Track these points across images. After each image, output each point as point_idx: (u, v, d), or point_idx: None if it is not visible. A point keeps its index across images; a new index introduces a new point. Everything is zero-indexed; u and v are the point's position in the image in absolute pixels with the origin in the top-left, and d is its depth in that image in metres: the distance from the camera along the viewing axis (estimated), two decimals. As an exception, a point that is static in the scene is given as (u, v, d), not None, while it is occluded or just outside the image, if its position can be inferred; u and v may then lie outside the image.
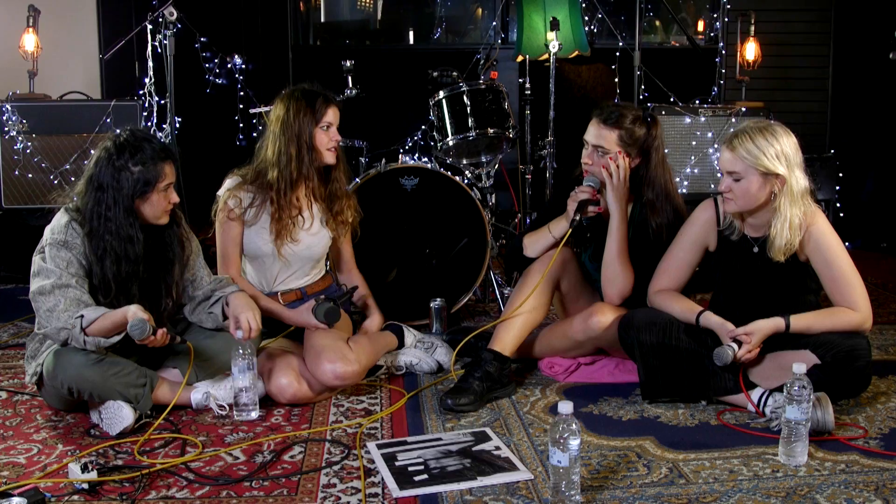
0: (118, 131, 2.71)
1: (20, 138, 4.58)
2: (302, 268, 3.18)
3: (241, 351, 2.71)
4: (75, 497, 2.23)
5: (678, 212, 3.04)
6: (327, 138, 3.07)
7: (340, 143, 3.15)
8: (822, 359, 2.64)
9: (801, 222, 2.68)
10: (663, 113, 4.91)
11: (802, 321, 2.69)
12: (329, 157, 3.09)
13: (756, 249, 2.79)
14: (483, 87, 4.05)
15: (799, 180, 2.67)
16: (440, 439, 2.58)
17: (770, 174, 2.65)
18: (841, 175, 5.39)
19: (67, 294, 2.58)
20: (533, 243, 3.12)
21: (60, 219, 2.68)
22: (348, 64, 4.21)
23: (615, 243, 3.00)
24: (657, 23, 6.59)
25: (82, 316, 2.54)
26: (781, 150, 2.65)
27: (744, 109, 4.95)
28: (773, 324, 2.69)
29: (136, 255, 2.67)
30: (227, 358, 2.87)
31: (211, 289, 2.89)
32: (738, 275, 2.85)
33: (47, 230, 2.68)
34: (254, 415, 2.74)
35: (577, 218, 2.96)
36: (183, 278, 2.85)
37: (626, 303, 3.04)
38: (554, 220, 3.08)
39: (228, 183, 3.10)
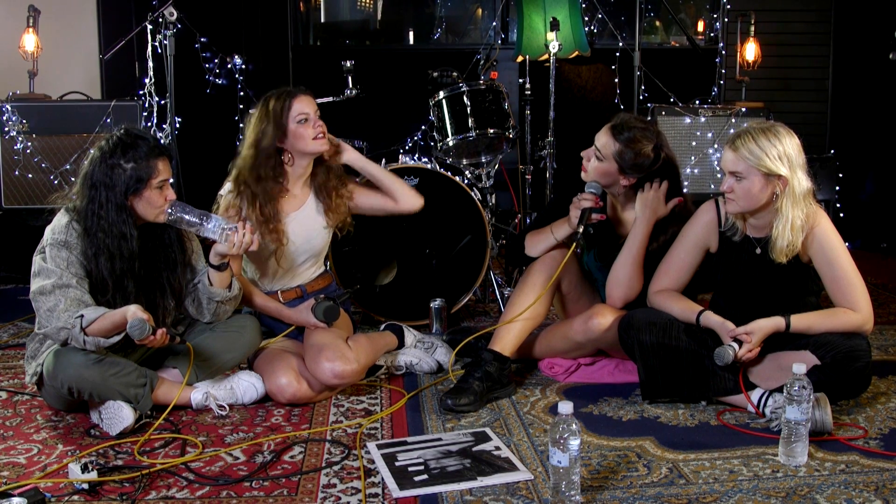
0: (114, 130, 2.71)
1: (20, 138, 4.58)
2: (302, 264, 3.18)
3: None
4: (75, 497, 2.23)
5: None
6: (311, 130, 3.04)
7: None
8: (822, 359, 2.64)
9: (802, 224, 2.68)
10: (663, 113, 4.91)
11: (803, 321, 2.69)
12: (315, 146, 3.04)
13: (759, 251, 2.79)
14: (483, 87, 4.05)
15: (801, 182, 2.67)
16: (440, 439, 2.58)
17: (772, 175, 2.64)
18: (841, 175, 5.39)
19: (68, 294, 2.58)
20: (535, 243, 3.11)
21: (61, 219, 2.68)
22: (348, 64, 4.21)
23: (635, 249, 2.98)
24: (657, 23, 6.59)
25: (82, 316, 2.54)
26: (784, 151, 2.65)
27: (744, 110, 4.95)
28: (774, 323, 2.69)
29: (130, 253, 2.66)
30: (227, 358, 2.88)
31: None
32: (739, 276, 2.85)
33: (48, 230, 2.68)
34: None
35: (581, 230, 2.95)
36: (185, 278, 2.85)
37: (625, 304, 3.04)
38: (557, 221, 3.08)
39: (229, 185, 3.10)
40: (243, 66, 5.20)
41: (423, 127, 5.12)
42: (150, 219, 2.71)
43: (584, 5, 5.58)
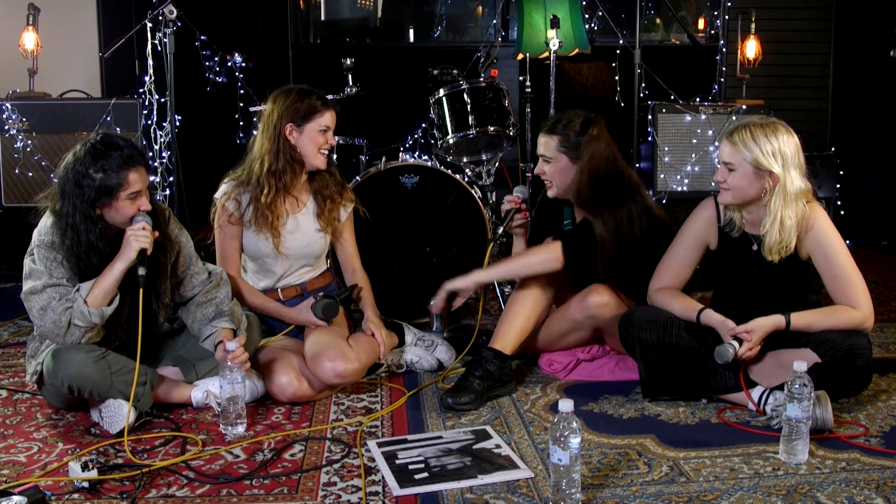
0: (92, 136, 2.66)
1: (20, 136, 4.58)
2: (302, 266, 3.18)
3: (229, 363, 2.60)
4: (75, 495, 2.23)
5: (616, 214, 2.98)
6: (324, 139, 3.06)
7: (339, 141, 3.13)
8: (823, 357, 2.64)
9: (794, 224, 2.67)
10: (664, 111, 4.91)
11: (803, 319, 2.69)
12: (317, 159, 3.06)
13: (755, 247, 2.78)
14: (483, 85, 4.05)
15: (794, 181, 2.66)
16: (441, 437, 2.58)
17: (763, 170, 2.65)
18: (841, 173, 5.39)
19: (59, 291, 2.59)
20: None
21: (46, 220, 2.67)
22: (348, 62, 4.21)
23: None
24: (658, 20, 6.58)
25: (79, 288, 2.57)
26: (779, 149, 2.64)
27: (744, 107, 4.95)
28: (774, 321, 2.68)
29: (99, 261, 2.64)
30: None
31: (204, 293, 2.86)
32: (739, 273, 2.85)
33: (35, 232, 2.67)
34: (241, 429, 2.62)
35: (501, 231, 3.14)
36: (170, 282, 2.83)
37: (627, 288, 3.07)
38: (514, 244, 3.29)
39: (225, 187, 3.09)
40: (243, 64, 5.20)
41: (423, 125, 5.12)
42: (122, 227, 2.66)
43: (584, 3, 5.58)
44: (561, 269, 2.99)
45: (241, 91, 5.21)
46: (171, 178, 4.62)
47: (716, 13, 5.96)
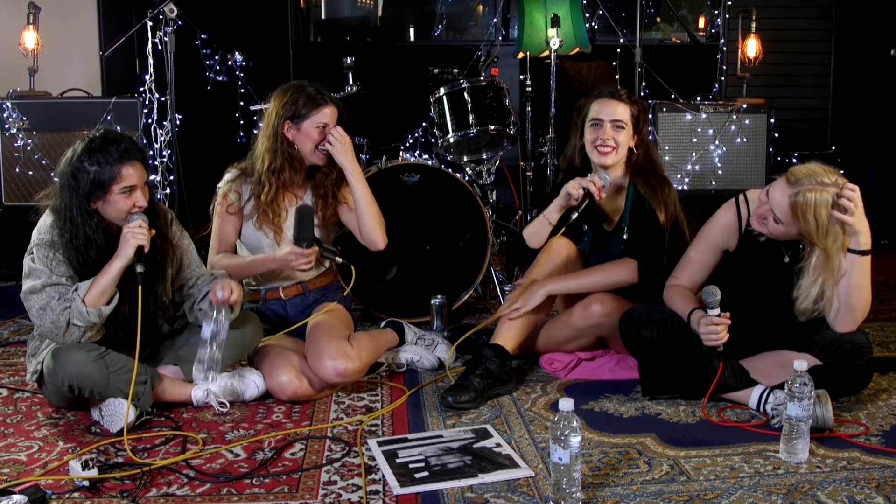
0: (92, 132, 2.67)
1: (21, 135, 4.57)
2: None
3: (214, 314, 2.69)
4: (76, 494, 2.23)
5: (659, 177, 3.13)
6: (321, 136, 3.04)
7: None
8: (825, 361, 2.63)
9: (829, 295, 2.66)
10: (664, 109, 4.91)
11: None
12: (314, 156, 3.06)
13: (787, 259, 2.76)
14: (484, 83, 4.05)
15: (838, 255, 2.67)
16: (441, 436, 2.58)
17: (808, 238, 2.64)
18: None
19: (59, 290, 2.59)
20: (533, 235, 3.16)
21: (46, 219, 2.67)
22: (349, 61, 4.21)
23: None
24: (658, 19, 6.58)
25: (77, 288, 2.57)
26: (828, 226, 2.63)
27: (745, 106, 4.95)
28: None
29: (97, 255, 2.64)
30: (227, 354, 2.87)
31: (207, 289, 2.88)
32: (754, 275, 2.80)
33: (35, 231, 2.67)
34: (214, 385, 2.74)
35: (580, 208, 3.02)
36: (171, 283, 2.83)
37: (631, 294, 3.06)
38: (549, 207, 3.12)
39: (228, 176, 3.11)
40: (244, 63, 5.19)
41: (423, 124, 5.11)
42: (118, 223, 2.66)
43: (584, 2, 5.57)
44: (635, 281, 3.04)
45: (242, 90, 5.21)
46: (172, 177, 4.62)
47: (716, 12, 5.96)
